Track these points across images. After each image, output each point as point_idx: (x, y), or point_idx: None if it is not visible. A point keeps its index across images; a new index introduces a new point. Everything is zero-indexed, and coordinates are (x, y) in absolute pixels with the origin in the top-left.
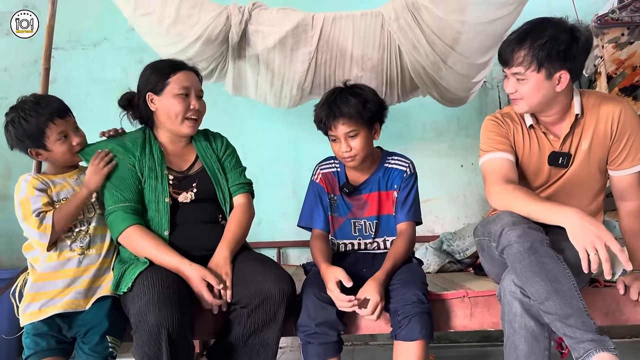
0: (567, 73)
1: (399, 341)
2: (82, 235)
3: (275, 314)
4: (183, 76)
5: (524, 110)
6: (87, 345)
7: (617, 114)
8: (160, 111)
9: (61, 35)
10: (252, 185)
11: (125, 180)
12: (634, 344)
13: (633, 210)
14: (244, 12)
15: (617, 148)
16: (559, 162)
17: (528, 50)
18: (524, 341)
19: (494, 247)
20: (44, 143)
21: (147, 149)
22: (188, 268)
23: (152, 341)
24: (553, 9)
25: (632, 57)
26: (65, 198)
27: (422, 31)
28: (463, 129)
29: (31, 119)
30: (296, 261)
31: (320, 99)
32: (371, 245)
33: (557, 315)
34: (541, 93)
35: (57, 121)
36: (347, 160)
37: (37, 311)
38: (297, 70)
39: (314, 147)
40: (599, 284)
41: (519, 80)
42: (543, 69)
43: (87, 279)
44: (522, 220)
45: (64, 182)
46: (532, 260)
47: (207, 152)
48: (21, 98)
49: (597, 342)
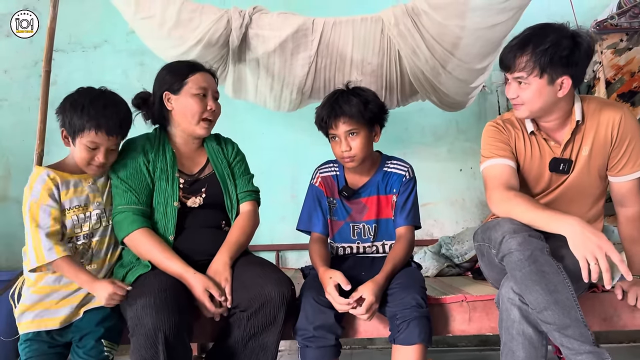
0: (569, 79)
1: (397, 345)
2: (85, 248)
3: (275, 318)
4: (201, 77)
5: (525, 115)
6: (82, 350)
7: (618, 120)
8: (176, 111)
9: (61, 37)
10: (259, 193)
11: (139, 181)
12: (631, 349)
13: (632, 216)
14: (244, 16)
15: (617, 154)
16: (560, 169)
17: (530, 56)
18: (521, 348)
19: (494, 254)
20: (75, 137)
21: (160, 150)
22: (192, 277)
23: (149, 344)
24: (552, 14)
25: (631, 63)
26: (77, 206)
27: (422, 36)
28: (462, 134)
29: (86, 114)
30: (295, 264)
31: (322, 101)
32: (370, 248)
33: (555, 325)
34: (543, 98)
35: (101, 134)
36: (346, 161)
37: (31, 321)
38: (297, 74)
39: (313, 150)
40: (597, 289)
41: (520, 85)
42: (545, 74)
43: (84, 294)
44: (522, 227)
45: (80, 185)
46: (532, 269)
47: (218, 157)
48: (104, 88)
49: (594, 355)
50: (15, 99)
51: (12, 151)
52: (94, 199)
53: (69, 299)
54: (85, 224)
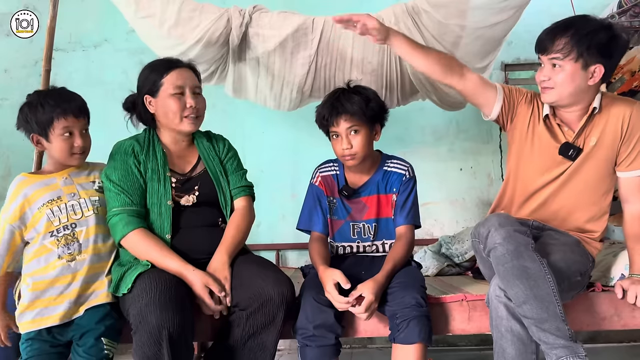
0: (602, 67)
1: (397, 344)
2: (69, 240)
3: (274, 317)
4: (175, 75)
5: (553, 99)
6: (82, 348)
7: (629, 114)
8: (158, 112)
9: (61, 36)
10: (253, 188)
11: (131, 182)
12: (632, 348)
13: (637, 214)
14: (244, 15)
15: (626, 149)
16: (569, 154)
17: (570, 39)
18: (511, 344)
19: (482, 249)
20: (48, 133)
21: (150, 151)
22: (191, 274)
23: (152, 342)
24: (553, 13)
25: (631, 63)
26: (50, 200)
27: (422, 35)
28: (462, 133)
29: (48, 106)
30: (295, 264)
31: (323, 99)
32: (370, 248)
33: (533, 319)
34: (575, 83)
35: (70, 118)
36: (347, 159)
37: (30, 321)
38: (297, 73)
39: (313, 149)
40: (597, 288)
41: (554, 68)
42: (581, 59)
43: (77, 288)
44: (508, 222)
45: (53, 182)
46: (514, 264)
47: (209, 154)
48: (52, 87)
49: (568, 349)
50: (15, 98)
51: (13, 150)
52: (67, 190)
53: (65, 294)
54: (63, 215)
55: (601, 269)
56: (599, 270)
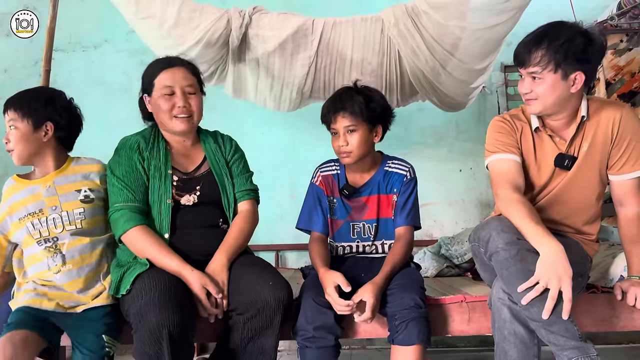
0: (582, 74)
1: (396, 345)
2: (52, 252)
3: (271, 322)
4: (165, 75)
5: (538, 110)
6: (83, 345)
7: (618, 118)
8: (154, 112)
9: (61, 36)
10: (258, 191)
11: (134, 179)
12: (631, 349)
13: (632, 216)
14: (244, 16)
15: (617, 152)
16: (565, 164)
17: (545, 51)
18: (513, 347)
19: (483, 253)
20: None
21: (155, 148)
22: (189, 274)
23: (152, 340)
24: (552, 14)
25: (631, 64)
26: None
27: (422, 37)
28: (462, 134)
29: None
30: (294, 264)
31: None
32: (370, 248)
33: (541, 322)
34: (556, 93)
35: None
36: (343, 156)
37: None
38: (296, 74)
39: (312, 150)
40: (597, 289)
41: (534, 80)
42: (559, 69)
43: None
44: (510, 227)
45: (37, 190)
46: (518, 268)
47: (215, 155)
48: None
49: (579, 350)
50: None
51: None
52: (49, 203)
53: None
54: (44, 229)
55: (600, 271)
56: (598, 271)
